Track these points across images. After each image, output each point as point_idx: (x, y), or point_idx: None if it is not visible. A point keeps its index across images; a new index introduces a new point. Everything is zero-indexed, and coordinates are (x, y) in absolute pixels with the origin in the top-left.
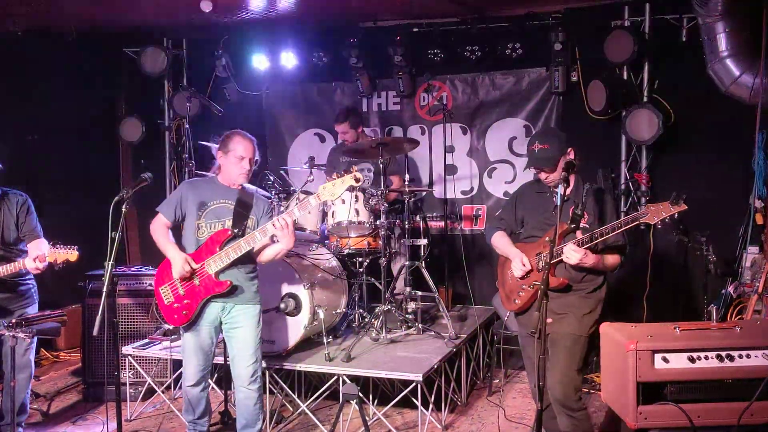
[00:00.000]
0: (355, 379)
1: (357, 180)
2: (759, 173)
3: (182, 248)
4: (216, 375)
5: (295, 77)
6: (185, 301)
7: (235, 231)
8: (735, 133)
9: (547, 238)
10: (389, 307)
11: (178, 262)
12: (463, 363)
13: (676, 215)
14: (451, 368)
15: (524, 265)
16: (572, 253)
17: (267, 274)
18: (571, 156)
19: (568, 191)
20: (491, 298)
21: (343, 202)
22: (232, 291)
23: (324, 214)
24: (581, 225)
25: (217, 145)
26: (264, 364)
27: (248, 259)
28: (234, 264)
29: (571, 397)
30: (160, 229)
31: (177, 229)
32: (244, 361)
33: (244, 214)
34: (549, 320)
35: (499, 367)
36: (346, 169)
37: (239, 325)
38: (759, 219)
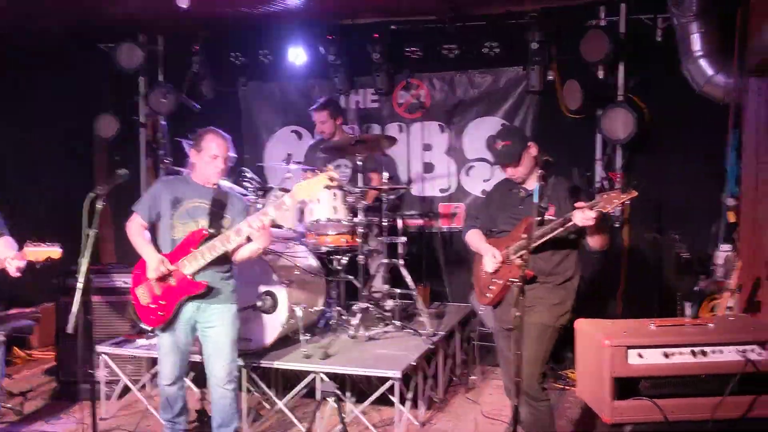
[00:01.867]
0: (332, 376)
1: (332, 179)
2: (731, 172)
3: (157, 248)
4: (193, 374)
5: (273, 74)
6: (161, 302)
7: (211, 231)
8: (709, 132)
9: (523, 235)
10: (367, 304)
11: (154, 263)
12: (441, 360)
13: (627, 201)
14: (429, 365)
15: (495, 257)
16: (583, 218)
17: (244, 272)
18: (533, 150)
19: (532, 185)
20: (468, 296)
21: (318, 201)
22: (208, 291)
23: (302, 212)
24: (547, 216)
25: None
26: (241, 362)
27: (224, 259)
28: (209, 264)
29: (533, 386)
30: (135, 228)
31: (153, 228)
32: (219, 360)
33: (219, 214)
34: (518, 313)
35: (475, 363)
36: (319, 168)
37: (214, 325)
38: (731, 217)
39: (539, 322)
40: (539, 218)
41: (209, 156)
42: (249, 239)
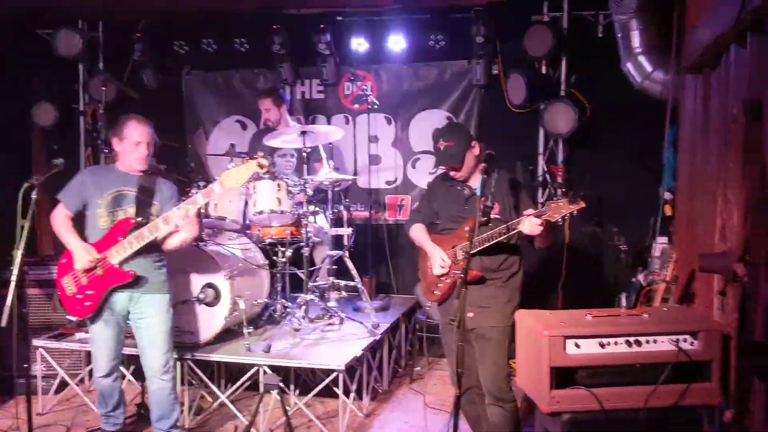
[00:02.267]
0: (276, 369)
1: (261, 166)
2: (668, 167)
3: (85, 238)
4: (133, 367)
5: (217, 63)
6: (88, 292)
7: (139, 219)
8: (647, 127)
9: (466, 228)
10: (312, 296)
11: (79, 253)
12: (386, 351)
13: (575, 213)
14: (374, 357)
15: (444, 261)
16: (533, 226)
17: (185, 263)
18: (476, 150)
19: (475, 183)
20: (414, 288)
21: (253, 188)
22: (138, 280)
23: (245, 203)
24: (492, 216)
25: None
26: (182, 355)
27: (154, 247)
28: (139, 253)
29: (503, 389)
30: (60, 218)
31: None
32: (154, 351)
33: (147, 201)
34: (471, 314)
35: (421, 354)
36: (250, 155)
37: (147, 316)
38: (668, 210)
39: (496, 325)
40: (485, 218)
41: (131, 143)
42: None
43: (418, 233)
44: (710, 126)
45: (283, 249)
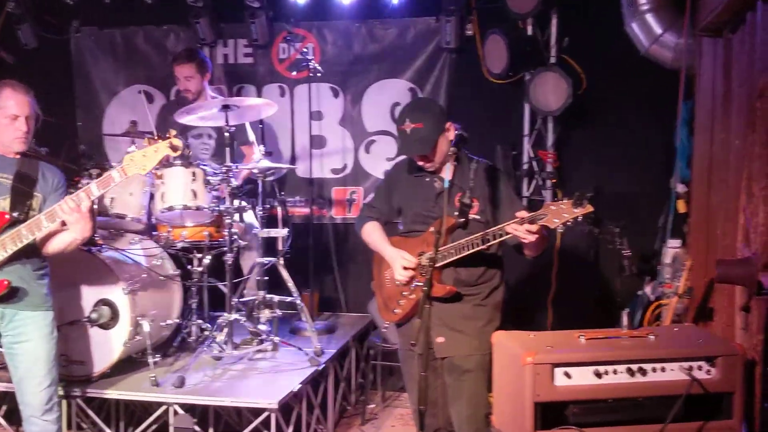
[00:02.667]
0: (190, 408)
1: (174, 148)
2: (682, 152)
3: None
4: (5, 407)
5: (114, 18)
6: None
7: (15, 215)
8: (656, 103)
9: (431, 229)
10: (237, 316)
11: None
12: (331, 385)
13: (580, 218)
14: (316, 391)
15: (408, 262)
16: (523, 233)
17: (74, 273)
18: (451, 134)
19: (451, 173)
20: (368, 304)
21: (161, 178)
22: (13, 293)
23: (151, 197)
24: (471, 216)
25: None
26: (70, 392)
27: (34, 251)
28: (15, 258)
29: (482, 430)
30: None
31: None
32: (34, 384)
33: (26, 192)
34: (441, 339)
35: (375, 388)
36: (161, 135)
37: (25, 338)
38: (681, 207)
39: (474, 354)
40: (462, 219)
41: (7, 117)
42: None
43: (373, 233)
44: (732, 102)
45: (199, 255)
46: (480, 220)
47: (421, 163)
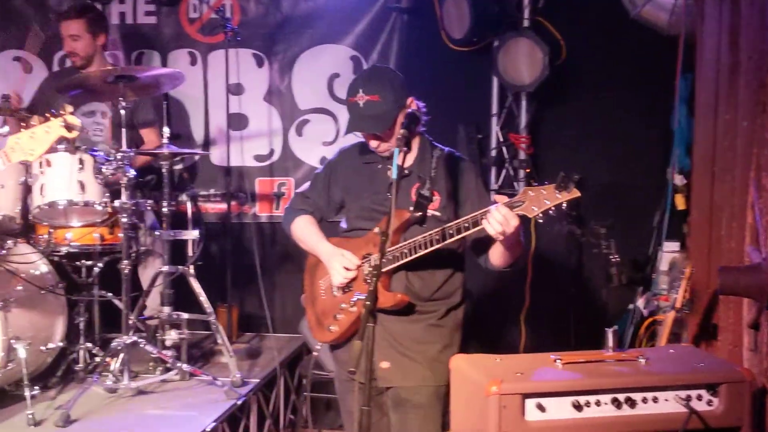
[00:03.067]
0: None
1: (70, 128)
2: (680, 136)
3: None
4: None
5: None
6: None
7: None
8: (649, 77)
9: (376, 229)
10: (136, 338)
11: None
12: (254, 422)
13: (565, 205)
14: (235, 430)
15: (349, 262)
16: (504, 221)
17: None
18: (414, 109)
19: (410, 161)
20: (299, 323)
21: (39, 167)
22: None
23: (27, 190)
24: (430, 211)
25: None
26: None
27: None
28: None
29: None
30: None
31: None
32: None
33: None
34: (385, 364)
35: (308, 426)
36: (53, 112)
37: None
38: (680, 202)
39: (427, 384)
40: (418, 214)
41: None
42: None
43: (306, 229)
44: (740, 75)
45: (89, 263)
46: (440, 217)
47: (374, 145)
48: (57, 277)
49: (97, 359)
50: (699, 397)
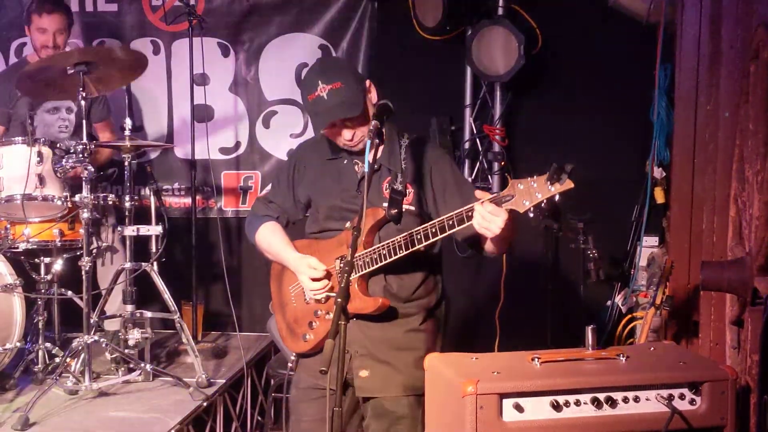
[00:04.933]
0: None
1: None
2: (660, 128)
3: None
4: None
5: None
6: None
7: None
8: (628, 66)
9: (347, 224)
10: (97, 338)
11: None
12: (220, 425)
13: (558, 197)
14: None
15: (316, 272)
16: (491, 218)
17: None
18: (374, 95)
19: (378, 153)
20: (267, 322)
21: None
22: None
23: None
24: (404, 207)
25: None
26: None
27: None
28: None
29: None
30: None
31: None
32: None
33: None
34: (365, 373)
35: (278, 427)
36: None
37: None
38: (659, 196)
39: (409, 394)
40: (394, 211)
41: None
42: None
43: (272, 237)
44: (721, 65)
45: (47, 260)
46: (414, 211)
47: (347, 137)
48: (14, 274)
49: (57, 360)
50: (681, 396)
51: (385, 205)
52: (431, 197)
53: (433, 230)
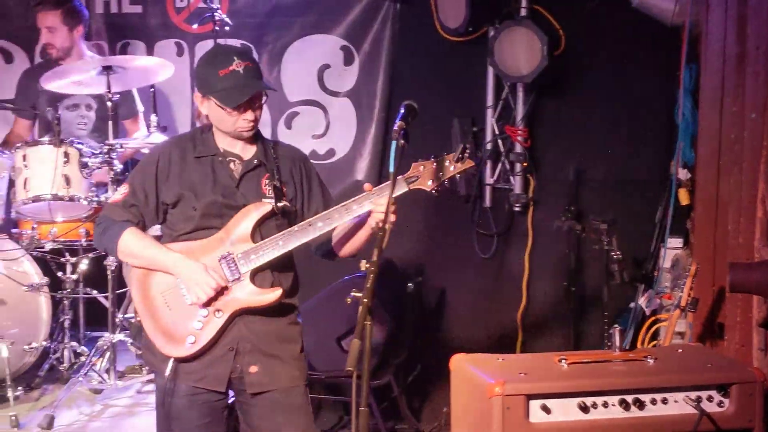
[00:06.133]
0: None
1: None
2: (685, 129)
3: None
4: None
5: None
6: None
7: None
8: (653, 67)
9: (241, 225)
10: (122, 337)
11: None
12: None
13: (458, 177)
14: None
15: (213, 282)
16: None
17: None
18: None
19: (253, 151)
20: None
21: (23, 160)
22: None
23: (11, 184)
24: (283, 203)
25: None
26: None
27: None
28: None
29: None
30: None
31: None
32: None
33: None
34: (254, 368)
35: None
36: (20, 104)
37: None
38: (684, 197)
39: (299, 384)
40: (281, 204)
41: None
42: None
43: (142, 241)
44: (747, 66)
45: (73, 260)
46: (290, 208)
47: (249, 120)
48: (41, 273)
49: (82, 359)
50: (710, 398)
51: (270, 200)
52: (300, 196)
53: (336, 215)
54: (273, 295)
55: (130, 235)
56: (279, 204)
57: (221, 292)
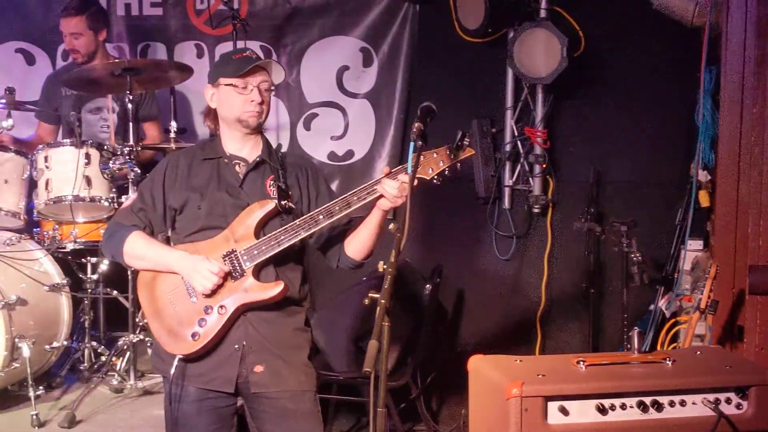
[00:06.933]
0: None
1: None
2: (704, 130)
3: None
4: None
5: None
6: None
7: None
8: (673, 70)
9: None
10: (142, 337)
11: None
12: None
13: (458, 166)
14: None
15: (215, 272)
16: (400, 184)
17: None
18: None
19: (258, 151)
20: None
21: (45, 161)
22: None
23: (32, 184)
24: (287, 205)
25: None
26: None
27: None
28: None
29: None
30: None
31: None
32: None
33: None
34: (260, 368)
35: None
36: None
37: None
38: (704, 199)
39: (310, 389)
40: (284, 202)
41: None
42: None
43: (148, 244)
44: (766, 67)
45: (94, 260)
46: (295, 209)
47: (257, 102)
48: (62, 274)
49: (103, 358)
50: (728, 401)
51: (275, 198)
52: (306, 199)
53: (337, 207)
54: (276, 289)
55: (136, 238)
56: (282, 202)
57: (225, 288)
